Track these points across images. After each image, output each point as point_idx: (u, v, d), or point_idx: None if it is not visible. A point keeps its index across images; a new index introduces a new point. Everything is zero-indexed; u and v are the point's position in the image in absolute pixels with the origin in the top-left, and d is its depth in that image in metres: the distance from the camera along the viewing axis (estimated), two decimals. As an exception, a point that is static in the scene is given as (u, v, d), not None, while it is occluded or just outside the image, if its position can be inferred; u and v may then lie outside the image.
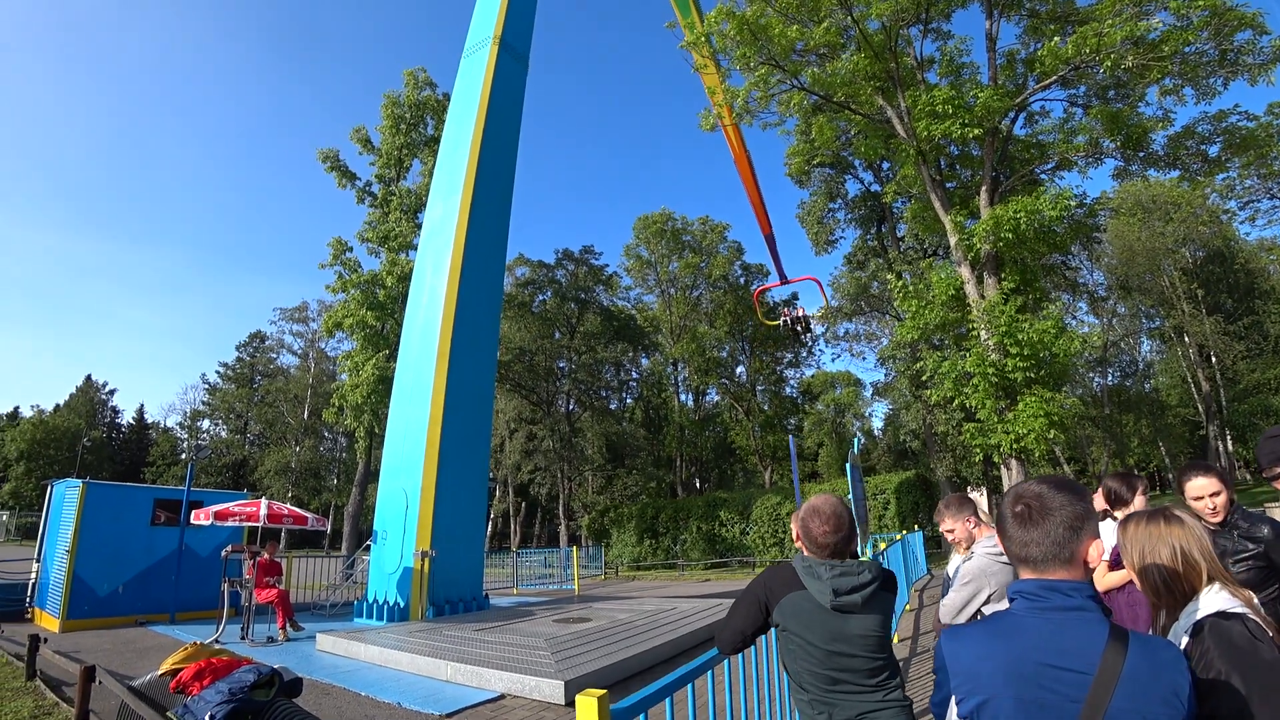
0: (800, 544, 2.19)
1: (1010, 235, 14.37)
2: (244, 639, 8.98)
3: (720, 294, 39.19)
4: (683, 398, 42.20)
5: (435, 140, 26.97)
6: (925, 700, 1.81)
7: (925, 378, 17.56)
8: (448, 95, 25.24)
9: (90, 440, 55.72)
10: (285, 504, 11.14)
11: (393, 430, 12.31)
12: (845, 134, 21.73)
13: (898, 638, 7.73)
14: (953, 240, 16.07)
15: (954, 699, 1.33)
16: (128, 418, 66.17)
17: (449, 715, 5.46)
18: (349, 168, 28.59)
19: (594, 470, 40.97)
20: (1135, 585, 1.81)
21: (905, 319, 16.83)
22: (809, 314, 20.08)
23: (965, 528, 3.31)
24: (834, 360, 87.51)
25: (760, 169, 25.51)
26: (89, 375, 64.00)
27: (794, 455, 9.30)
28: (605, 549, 27.66)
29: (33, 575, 11.67)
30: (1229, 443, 32.51)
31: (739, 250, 40.36)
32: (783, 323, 20.55)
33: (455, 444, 11.56)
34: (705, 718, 2.50)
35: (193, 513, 10.19)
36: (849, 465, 8.23)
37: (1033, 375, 13.77)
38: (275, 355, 58.50)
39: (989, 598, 2.94)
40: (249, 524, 9.84)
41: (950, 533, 3.38)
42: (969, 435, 14.83)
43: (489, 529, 43.62)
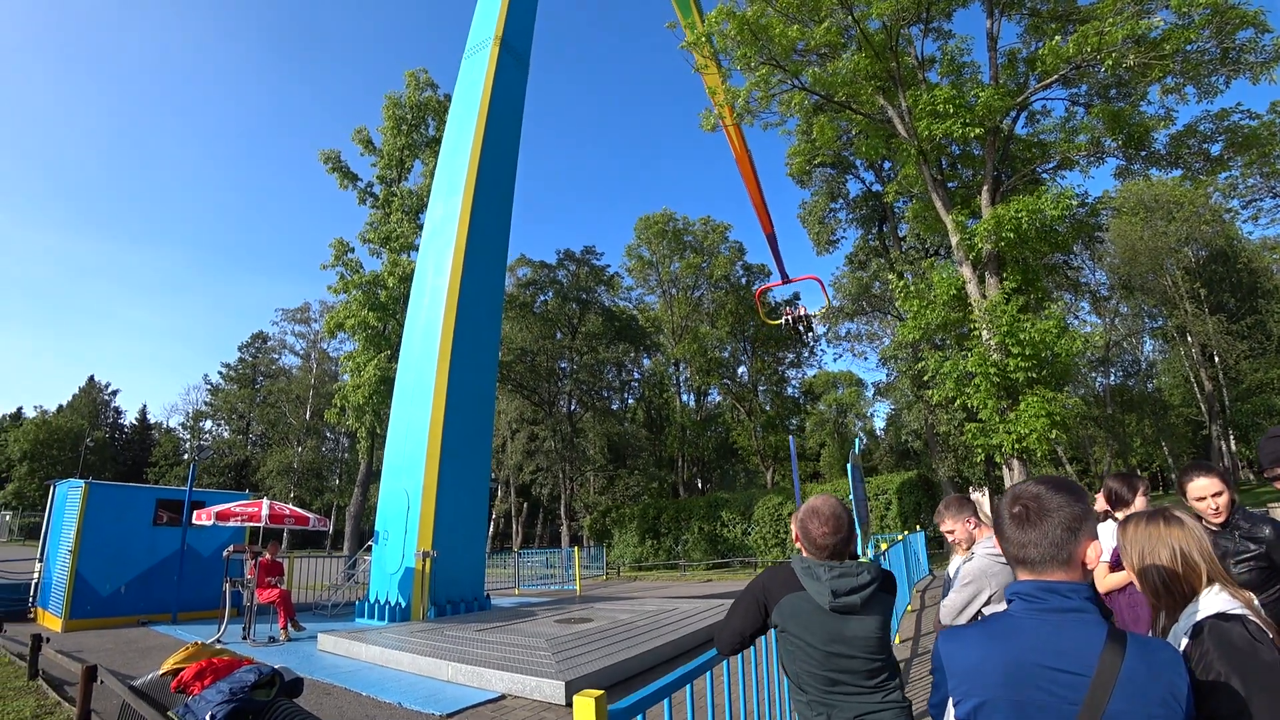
0: (799, 545, 2.19)
1: (1012, 235, 14.36)
2: (246, 639, 8.99)
3: (722, 294, 39.19)
4: (684, 398, 42.21)
5: (436, 141, 26.99)
6: (925, 702, 1.81)
7: (927, 378, 17.54)
8: (449, 96, 25.24)
9: (93, 441, 55.84)
10: (287, 504, 11.16)
11: (394, 431, 12.33)
12: (846, 134, 21.73)
13: (899, 638, 7.72)
14: (954, 240, 16.05)
15: (951, 701, 1.33)
16: (130, 418, 66.39)
17: (450, 715, 5.46)
18: (350, 169, 28.63)
19: (596, 471, 40.99)
20: (1136, 586, 1.81)
21: (907, 319, 16.81)
22: (811, 313, 20.04)
23: (965, 528, 3.30)
24: (836, 360, 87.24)
25: (761, 169, 25.52)
26: (91, 376, 64.29)
27: (794, 455, 9.29)
28: (607, 549, 27.65)
29: (35, 575, 11.70)
30: (1232, 443, 32.42)
31: (740, 250, 40.39)
32: (785, 322, 20.54)
33: (457, 444, 11.57)
34: (704, 719, 2.50)
35: (194, 513, 10.21)
36: (850, 466, 8.22)
37: (1034, 375, 13.75)
38: (277, 356, 58.69)
39: (990, 599, 2.93)
40: (251, 524, 9.85)
41: (950, 533, 3.38)
42: (971, 435, 14.81)
43: (491, 529, 43.65)
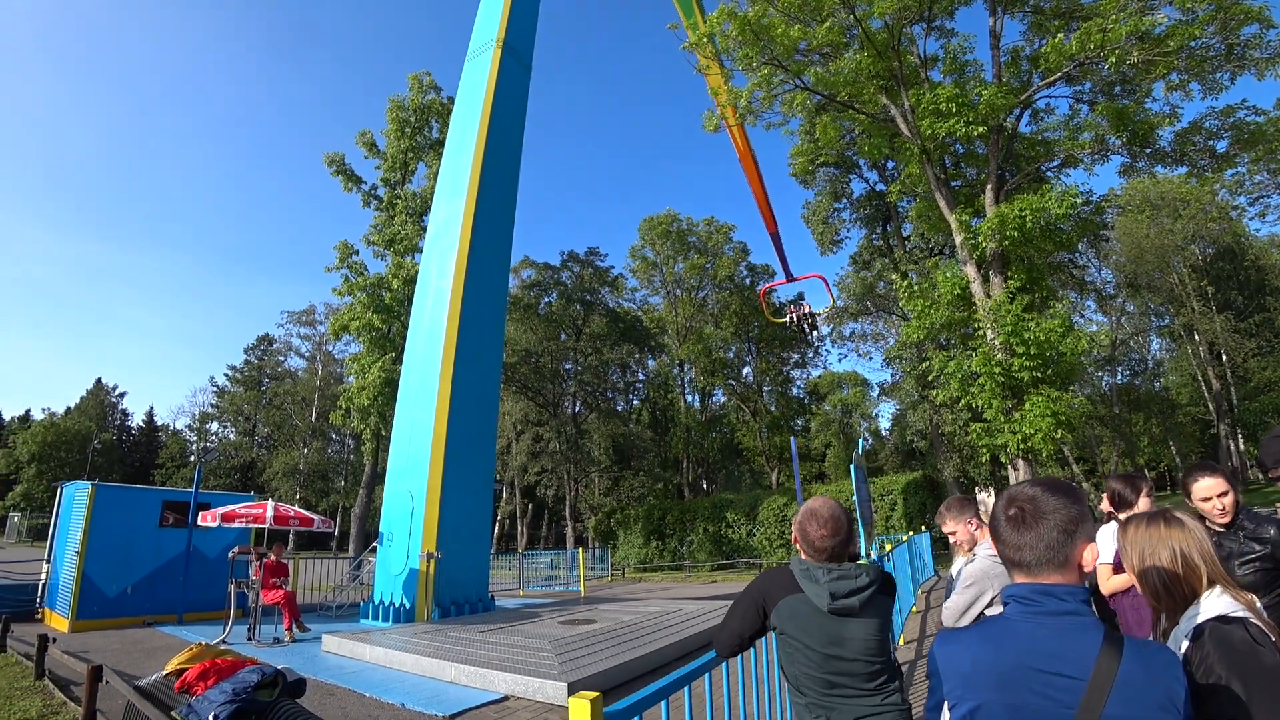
0: (799, 547, 2.18)
1: (1016, 234, 14.30)
2: (251, 640, 9.03)
3: (726, 295, 39.16)
4: (689, 399, 42.19)
5: (440, 143, 27.06)
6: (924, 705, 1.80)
7: (931, 378, 17.50)
8: (452, 99, 25.34)
9: (100, 442, 56.14)
10: (293, 506, 11.20)
11: (398, 432, 12.35)
12: (849, 133, 21.68)
13: (903, 640, 7.69)
14: (958, 239, 16.01)
15: (947, 704, 1.32)
16: (137, 420, 66.74)
17: (452, 716, 5.47)
18: (355, 171, 28.70)
19: (600, 472, 40.99)
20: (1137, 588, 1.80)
21: (911, 319, 16.77)
22: (815, 311, 20.02)
23: (967, 530, 3.28)
24: (840, 360, 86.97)
25: (764, 169, 25.48)
26: (99, 378, 64.47)
27: (795, 456, 9.28)
28: (611, 550, 27.64)
29: (43, 576, 11.77)
30: (1240, 441, 32.20)
31: (744, 251, 40.34)
32: (789, 320, 20.53)
33: (461, 446, 11.59)
34: (703, 720, 2.49)
35: (200, 514, 10.26)
36: (853, 466, 8.19)
37: (1039, 375, 13.69)
38: (283, 358, 58.90)
39: (992, 601, 2.91)
40: (256, 525, 9.89)
41: (952, 535, 3.36)
42: (976, 435, 14.75)
43: (495, 530, 43.70)
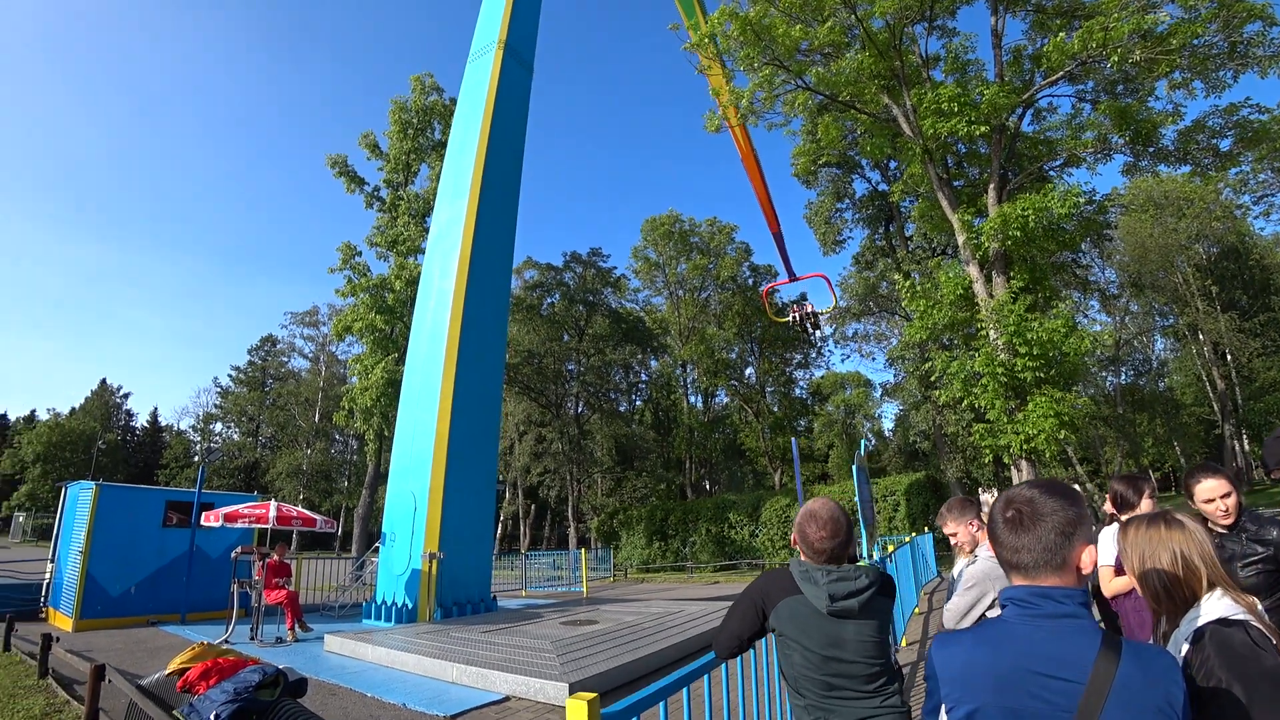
0: (798, 548, 2.17)
1: (1018, 233, 14.26)
2: (253, 639, 9.05)
3: (729, 295, 39.14)
4: (692, 399, 42.19)
5: (442, 145, 27.07)
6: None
7: (934, 378, 17.46)
8: (454, 100, 25.36)
9: (105, 443, 56.36)
10: (296, 506, 11.22)
11: (401, 433, 12.38)
12: (851, 133, 21.67)
13: (906, 641, 7.67)
14: (960, 239, 15.97)
15: (944, 707, 1.32)
16: (142, 420, 67.01)
17: (453, 717, 5.47)
18: (357, 173, 28.77)
19: (603, 472, 41.00)
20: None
21: (914, 319, 16.74)
22: (818, 311, 19.99)
23: (968, 531, 3.27)
24: (843, 361, 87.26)
25: (767, 169, 25.44)
26: (104, 379, 64.75)
27: (796, 457, 9.26)
28: (614, 551, 27.64)
29: (47, 575, 11.81)
30: (1245, 442, 32.07)
31: (747, 251, 40.32)
32: (792, 319, 20.50)
33: (463, 446, 11.60)
34: (701, 722, 2.49)
35: (203, 514, 10.29)
36: (855, 467, 8.17)
37: (1042, 375, 13.64)
38: (286, 359, 59.04)
39: (993, 603, 2.90)
40: (258, 525, 9.91)
41: (953, 536, 3.35)
42: (979, 436, 14.72)
43: (498, 531, 43.66)
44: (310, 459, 49.56)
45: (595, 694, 1.61)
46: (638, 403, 44.97)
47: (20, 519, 40.65)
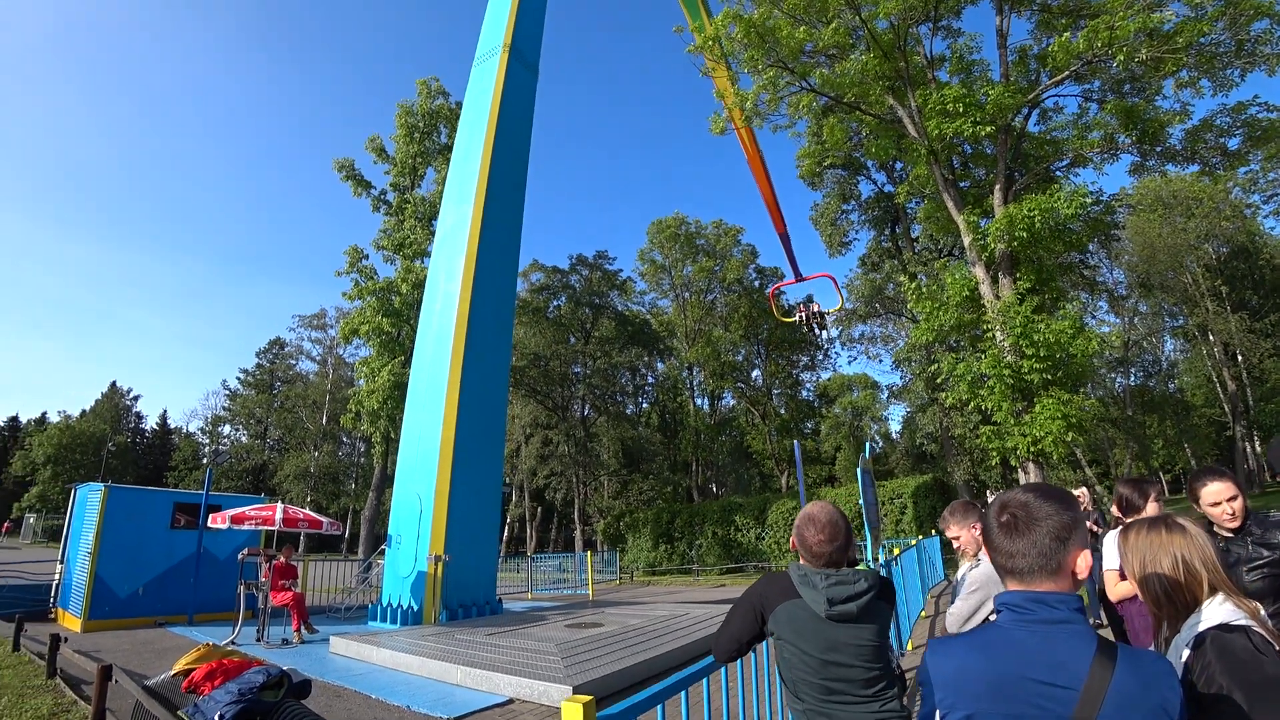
0: (797, 551, 2.17)
1: (1025, 234, 14.17)
2: (260, 641, 9.10)
3: (735, 297, 39.11)
4: (698, 402, 42.13)
5: (448, 148, 27.17)
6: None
7: (941, 380, 17.38)
8: (460, 104, 25.46)
9: (115, 445, 56.79)
10: (303, 508, 11.27)
11: (407, 435, 12.41)
12: (856, 135, 21.61)
13: (911, 645, 7.63)
14: (966, 240, 15.89)
15: (938, 713, 1.31)
16: (151, 423, 67.50)
17: (457, 719, 5.48)
18: (364, 176, 28.92)
19: (609, 475, 41.00)
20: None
21: (920, 321, 16.67)
22: (824, 311, 19.92)
23: (971, 534, 3.25)
24: (850, 363, 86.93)
25: (772, 171, 25.41)
26: (114, 381, 65.36)
27: (799, 459, 9.24)
28: (620, 554, 27.62)
29: (57, 576, 11.91)
30: (1256, 444, 31.74)
31: (753, 253, 40.31)
32: (799, 319, 20.44)
33: (469, 449, 11.62)
34: (701, 725, 2.48)
35: (210, 516, 10.35)
36: (860, 470, 8.14)
37: (1050, 377, 13.55)
38: (294, 361, 59.37)
39: (996, 606, 2.88)
40: (265, 527, 9.96)
41: (956, 540, 3.33)
42: (986, 438, 14.64)
43: (505, 534, 43.77)
44: (318, 461, 49.79)
45: (590, 697, 1.61)
46: (644, 405, 44.98)
47: (31, 520, 41.00)
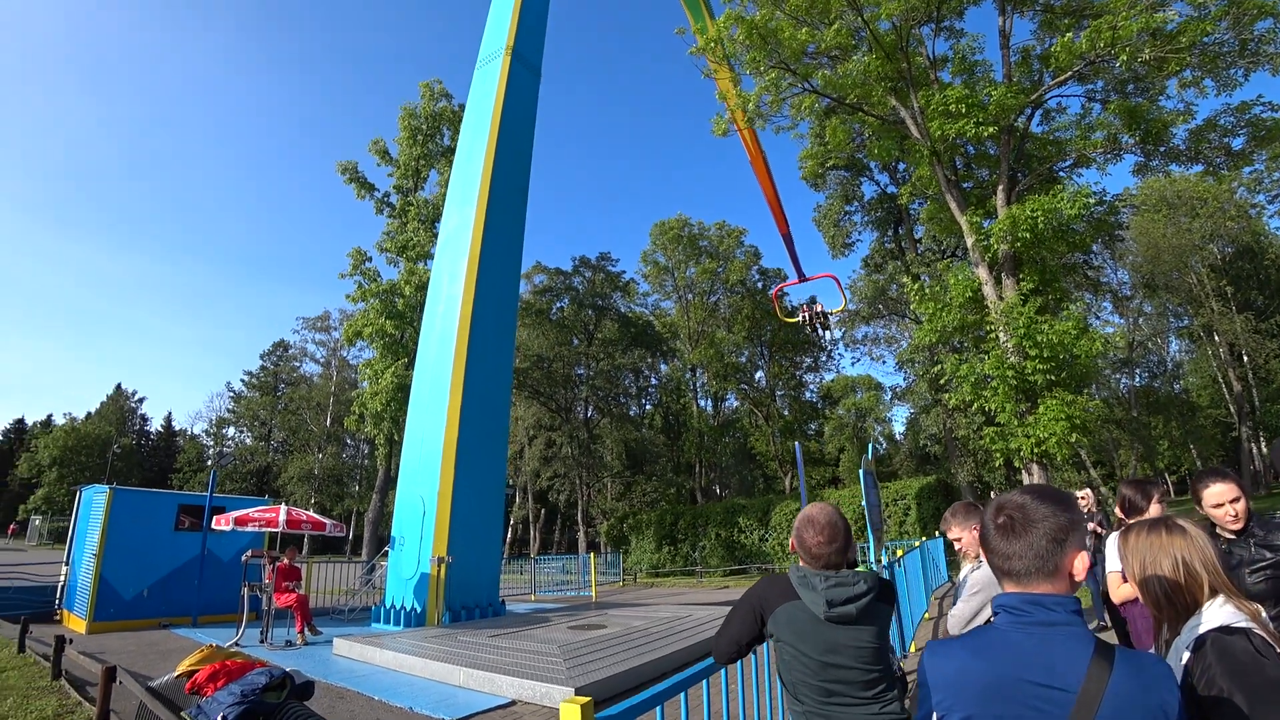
0: (797, 553, 2.17)
1: (1028, 235, 14.14)
2: (263, 642, 9.12)
3: (738, 299, 39.10)
4: (702, 403, 42.09)
5: (451, 151, 27.30)
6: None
7: (944, 381, 17.34)
8: (463, 106, 25.56)
9: (120, 447, 57.06)
10: (307, 510, 11.29)
11: (410, 437, 12.43)
12: (859, 136, 21.57)
13: (914, 647, 7.61)
14: (969, 241, 15.86)
15: (935, 716, 1.31)
16: (156, 425, 67.91)
17: (459, 721, 5.49)
18: (368, 179, 29.07)
19: (613, 477, 40.98)
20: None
21: (923, 322, 16.63)
22: (828, 311, 19.90)
23: (972, 536, 3.23)
24: (854, 364, 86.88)
25: (774, 172, 25.41)
26: (119, 384, 65.78)
27: (800, 461, 9.23)
28: (624, 555, 27.59)
29: (62, 578, 11.96)
30: (1262, 445, 31.58)
31: (756, 255, 40.28)
32: (802, 319, 20.41)
33: (471, 450, 11.63)
34: (701, 727, 2.48)
35: (214, 518, 10.39)
36: (862, 471, 8.12)
37: (1053, 378, 13.50)
38: (298, 364, 59.53)
39: (998, 608, 2.87)
40: (268, 529, 9.99)
41: (957, 541, 3.32)
42: (989, 439, 14.58)
43: (509, 535, 43.80)
44: (322, 463, 49.90)
45: (588, 698, 1.61)
46: (647, 407, 44.96)
47: (37, 522, 41.21)
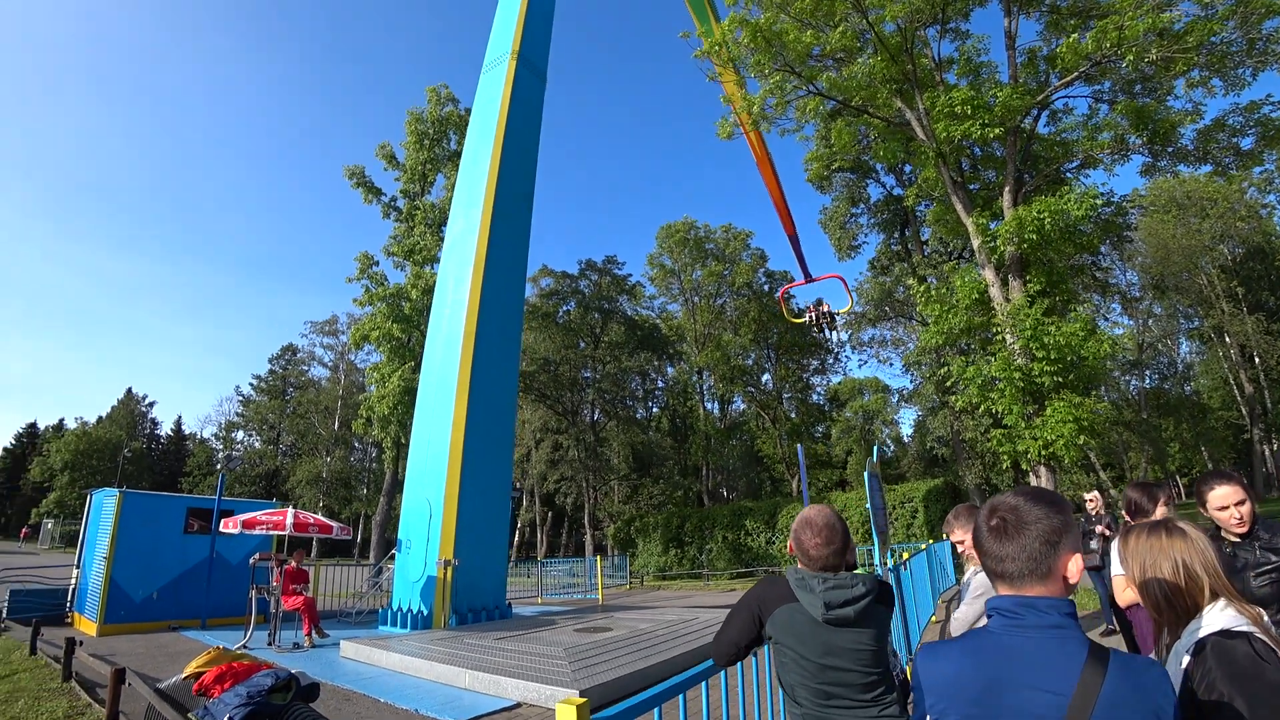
0: (795, 555, 2.17)
1: (1035, 236, 14.06)
2: (271, 645, 9.17)
3: (744, 301, 39.06)
4: (708, 406, 42.05)
5: (458, 155, 27.38)
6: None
7: (951, 383, 17.26)
8: (469, 110, 25.69)
9: (130, 451, 57.47)
10: (316, 513, 11.36)
11: (417, 441, 12.47)
12: (865, 138, 21.52)
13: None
14: (976, 243, 15.80)
15: (929, 718, 1.31)
16: (166, 429, 68.27)
17: (464, 723, 5.50)
18: (375, 183, 29.17)
19: (620, 479, 40.95)
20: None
21: (930, 324, 16.57)
22: (834, 311, 19.85)
23: (975, 538, 3.23)
24: (861, 367, 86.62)
25: (780, 174, 25.36)
26: (129, 388, 66.24)
27: (802, 464, 9.21)
28: (630, 558, 27.56)
29: (73, 581, 12.07)
30: (1275, 446, 31.26)
31: (762, 257, 40.24)
32: (809, 319, 20.37)
33: (478, 454, 11.67)
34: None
35: (222, 521, 10.46)
36: (867, 474, 8.09)
37: (1061, 379, 13.42)
38: (306, 367, 59.70)
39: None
40: (276, 532, 10.05)
41: (960, 544, 3.31)
42: (996, 442, 14.50)
43: (516, 538, 43.83)
44: (330, 466, 50.08)
45: (584, 699, 1.62)
46: (654, 409, 44.93)
47: (49, 525, 41.52)
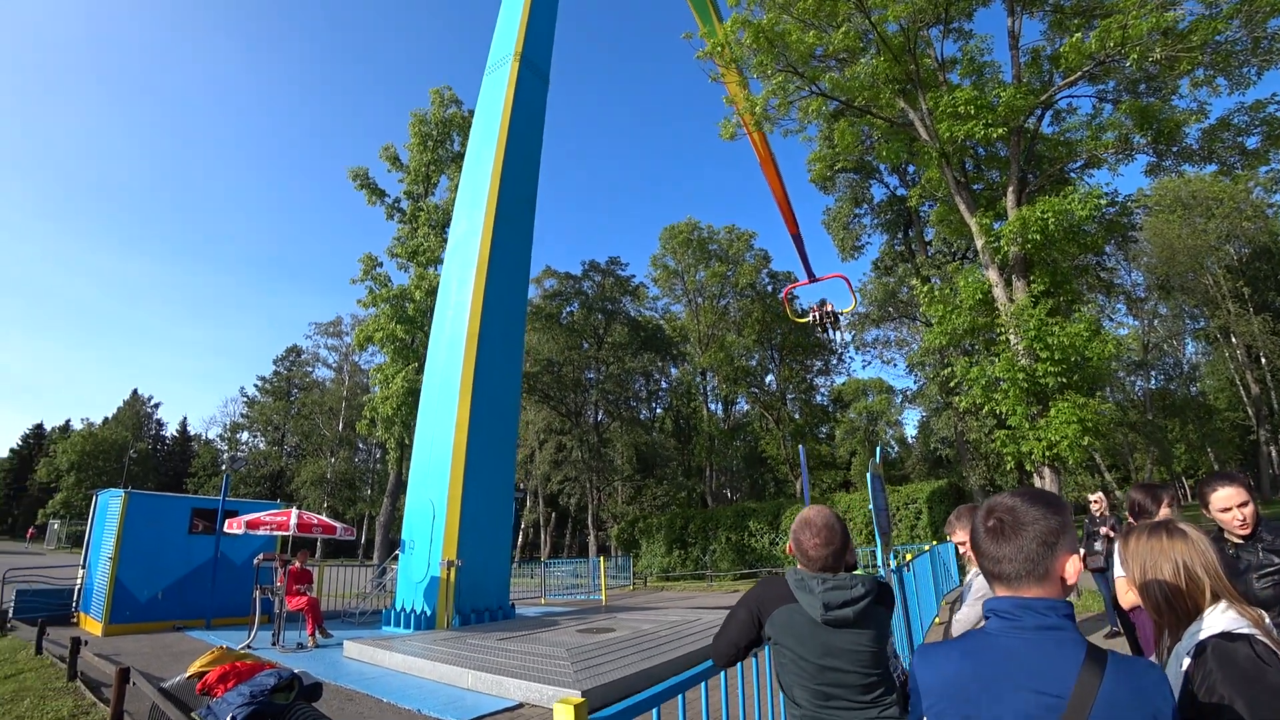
0: (794, 556, 2.17)
1: (1039, 236, 14.00)
2: (275, 645, 9.20)
3: (748, 302, 39.05)
4: (712, 407, 42.02)
5: (461, 156, 27.37)
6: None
7: (954, 384, 17.21)
8: (473, 112, 25.73)
9: (136, 452, 57.77)
10: (320, 514, 11.39)
11: (420, 441, 12.50)
12: (868, 138, 21.47)
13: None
14: (979, 243, 15.74)
15: (925, 720, 1.31)
16: (171, 430, 68.65)
17: (466, 724, 5.51)
18: (378, 185, 29.23)
19: (623, 480, 40.95)
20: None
21: (933, 324, 16.53)
22: (838, 311, 19.83)
23: (977, 539, 3.22)
24: (865, 367, 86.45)
25: (784, 175, 25.34)
26: (135, 389, 66.48)
27: (804, 465, 9.20)
28: (634, 559, 27.55)
29: (79, 581, 12.13)
30: (1283, 448, 31.10)
31: (766, 258, 40.24)
32: (812, 318, 20.35)
33: (481, 455, 11.69)
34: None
35: (227, 522, 10.50)
36: (870, 475, 8.07)
37: (1065, 380, 13.36)
38: (311, 369, 59.93)
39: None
40: (280, 533, 10.08)
41: (962, 545, 3.30)
42: (1000, 443, 14.45)
43: (519, 539, 43.87)
44: (334, 467, 50.21)
45: (582, 699, 1.62)
46: (658, 410, 44.93)
47: (55, 526, 41.76)
